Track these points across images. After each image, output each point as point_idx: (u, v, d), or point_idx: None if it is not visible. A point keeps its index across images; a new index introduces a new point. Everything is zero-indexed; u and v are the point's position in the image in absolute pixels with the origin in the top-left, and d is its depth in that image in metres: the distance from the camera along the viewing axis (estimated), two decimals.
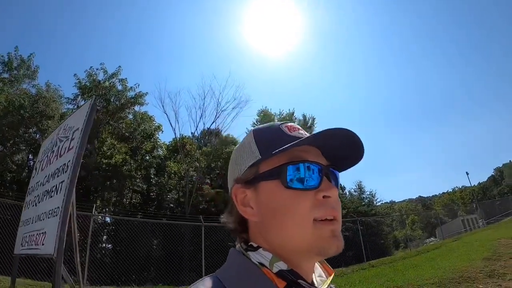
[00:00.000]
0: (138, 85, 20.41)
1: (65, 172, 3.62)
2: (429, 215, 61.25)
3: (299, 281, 0.56)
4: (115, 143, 18.13)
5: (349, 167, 0.68)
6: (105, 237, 13.08)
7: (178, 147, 22.94)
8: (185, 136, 25.16)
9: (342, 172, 0.69)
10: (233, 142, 26.32)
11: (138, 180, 19.07)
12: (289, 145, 0.56)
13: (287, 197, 0.57)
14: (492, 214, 28.78)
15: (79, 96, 19.29)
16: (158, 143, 23.17)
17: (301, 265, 0.59)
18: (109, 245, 13.66)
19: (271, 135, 0.62)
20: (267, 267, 0.57)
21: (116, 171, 17.34)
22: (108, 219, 14.02)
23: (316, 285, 0.61)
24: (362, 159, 0.65)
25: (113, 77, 19.95)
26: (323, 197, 0.57)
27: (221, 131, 25.16)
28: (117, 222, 11.80)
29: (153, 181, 20.94)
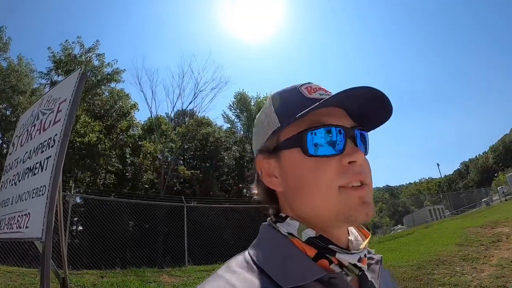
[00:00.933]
0: (116, 61, 19.75)
1: (52, 147, 3.30)
2: (397, 204, 64.27)
3: (330, 246, 0.54)
4: (90, 120, 17.32)
5: (378, 126, 0.65)
6: (75, 218, 12.49)
7: (153, 126, 22.44)
8: (161, 116, 24.65)
9: None
10: (209, 123, 26.19)
11: (113, 160, 18.43)
12: (305, 110, 0.53)
13: (309, 165, 0.54)
14: (457, 205, 30.40)
15: (53, 71, 18.39)
16: (134, 122, 22.53)
17: (331, 231, 0.57)
18: (81, 227, 13.19)
19: (289, 100, 0.59)
20: (296, 237, 0.56)
21: (90, 150, 16.64)
22: (78, 199, 13.25)
23: (351, 248, 0.58)
24: (391, 116, 0.61)
25: (90, 52, 19.19)
26: (348, 162, 0.54)
27: (197, 112, 24.89)
28: (91, 203, 11.23)
29: (128, 161, 20.36)
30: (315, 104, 0.53)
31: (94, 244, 10.25)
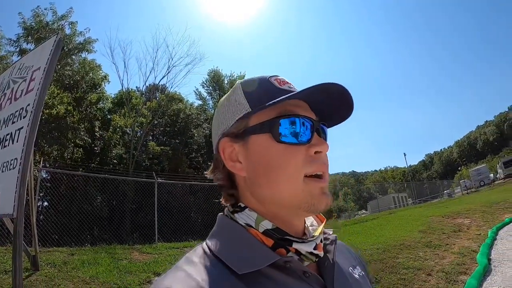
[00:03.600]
0: (89, 30, 18.82)
1: (24, 117, 3.09)
2: (362, 189, 66.82)
3: (286, 237, 0.56)
4: (59, 91, 16.44)
5: (337, 124, 0.67)
6: (41, 193, 11.99)
7: (124, 100, 21.76)
8: (132, 89, 23.95)
9: None
10: (180, 99, 25.77)
11: (81, 133, 17.74)
12: (283, 97, 0.54)
13: (279, 151, 0.55)
14: (420, 195, 32.04)
15: (22, 38, 17.26)
16: (104, 94, 21.69)
17: (290, 220, 0.58)
18: (46, 203, 12.69)
19: (261, 88, 0.60)
20: (253, 227, 0.57)
21: (58, 123, 15.87)
22: (44, 173, 12.67)
23: (308, 235, 0.61)
24: (350, 117, 0.64)
25: (63, 19, 18.10)
26: (315, 152, 0.57)
27: (169, 87, 24.41)
28: (58, 177, 10.77)
29: (97, 135, 19.67)
30: (292, 93, 0.55)
31: (61, 220, 9.93)
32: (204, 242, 0.59)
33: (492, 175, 37.85)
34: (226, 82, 30.85)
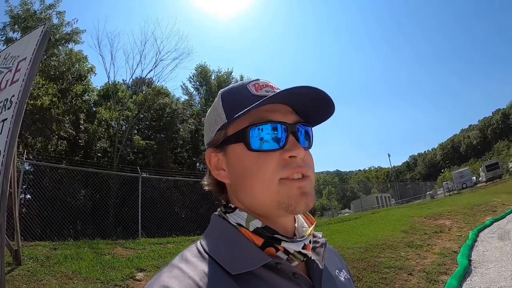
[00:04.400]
0: (77, 21, 18.35)
1: (8, 108, 3.02)
2: (346, 189, 67.60)
3: (275, 236, 0.58)
4: (44, 82, 16.03)
5: (321, 122, 0.68)
6: (24, 186, 11.71)
7: (110, 92, 21.42)
8: (118, 82, 23.61)
9: None
10: (167, 94, 25.54)
11: (66, 125, 17.38)
12: (249, 107, 0.55)
13: (252, 159, 0.57)
14: (403, 195, 32.55)
15: (9, 27, 16.83)
16: (90, 86, 21.27)
17: (277, 221, 0.60)
18: (29, 196, 12.40)
19: (236, 96, 0.61)
20: (244, 227, 0.59)
21: (42, 114, 15.50)
22: (27, 166, 12.35)
23: (298, 236, 0.62)
24: (334, 113, 0.65)
25: (51, 9, 17.62)
26: (289, 157, 0.57)
27: (156, 81, 24.14)
28: (41, 170, 10.53)
29: (82, 128, 19.28)
30: (258, 102, 0.55)
31: (44, 214, 9.72)
32: (199, 241, 0.61)
33: (474, 178, 38.77)
34: (213, 78, 30.66)
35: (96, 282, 4.36)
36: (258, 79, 0.64)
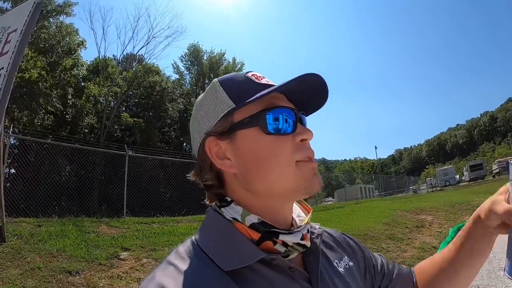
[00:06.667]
0: None
1: None
2: (330, 177, 68.65)
3: (272, 229, 0.58)
4: (33, 55, 15.55)
5: (313, 112, 0.70)
6: (9, 160, 11.48)
7: (100, 68, 20.98)
8: (108, 57, 23.11)
9: None
10: (157, 72, 25.21)
11: (54, 100, 16.99)
12: (269, 89, 0.57)
13: (269, 142, 0.58)
14: (387, 187, 33.16)
15: None
16: (80, 61, 20.76)
17: (279, 210, 0.61)
18: (13, 170, 12.19)
19: (240, 84, 0.61)
20: (239, 221, 0.58)
21: (30, 87, 15.09)
22: (12, 140, 12.07)
23: (296, 225, 0.63)
24: (325, 104, 0.68)
25: None
26: (301, 140, 0.60)
27: (146, 59, 23.76)
28: (27, 144, 10.30)
29: (70, 103, 18.89)
30: (274, 87, 0.58)
31: (28, 189, 9.58)
32: (194, 236, 0.61)
33: (458, 176, 39.50)
34: (205, 58, 30.28)
35: (81, 261, 4.36)
36: (252, 71, 0.65)
